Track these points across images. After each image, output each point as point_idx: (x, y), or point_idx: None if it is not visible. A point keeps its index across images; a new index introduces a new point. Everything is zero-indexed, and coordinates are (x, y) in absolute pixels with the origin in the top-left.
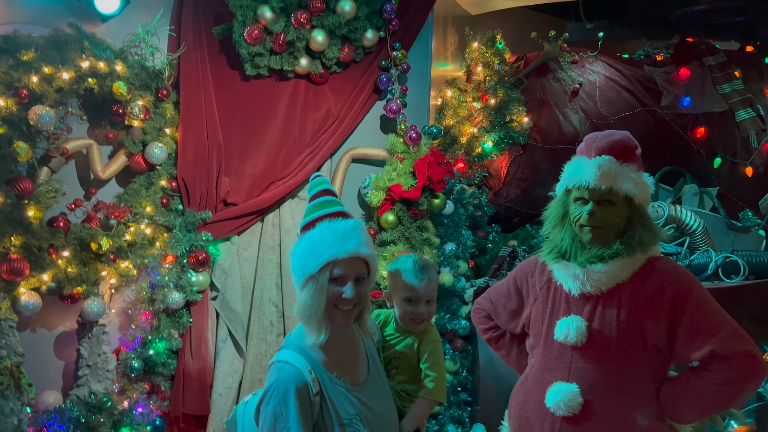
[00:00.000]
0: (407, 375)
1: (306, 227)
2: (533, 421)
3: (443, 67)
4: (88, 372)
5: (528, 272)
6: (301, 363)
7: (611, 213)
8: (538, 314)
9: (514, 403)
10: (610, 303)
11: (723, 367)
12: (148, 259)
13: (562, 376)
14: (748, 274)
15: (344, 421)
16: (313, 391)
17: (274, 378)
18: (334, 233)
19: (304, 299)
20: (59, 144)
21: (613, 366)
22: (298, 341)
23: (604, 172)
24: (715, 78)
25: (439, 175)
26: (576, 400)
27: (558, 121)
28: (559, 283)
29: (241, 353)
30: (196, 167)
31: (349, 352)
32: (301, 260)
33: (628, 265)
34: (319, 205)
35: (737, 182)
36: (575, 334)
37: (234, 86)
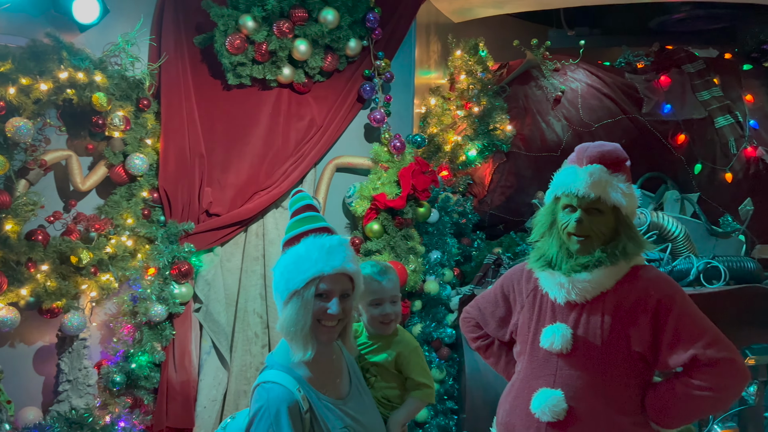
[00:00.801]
0: (387, 382)
1: (289, 242)
2: (519, 428)
3: (427, 75)
4: (68, 387)
5: (515, 279)
6: (289, 382)
7: (598, 222)
8: (524, 321)
9: (502, 410)
10: (595, 311)
11: (705, 374)
12: (130, 271)
13: (548, 383)
14: (729, 280)
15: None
16: (303, 409)
17: (263, 400)
18: (320, 249)
19: (289, 315)
20: (37, 156)
21: (597, 373)
22: (282, 360)
23: (595, 180)
24: (694, 85)
25: (423, 183)
26: (560, 406)
27: (541, 129)
28: (545, 291)
29: (225, 365)
30: (177, 178)
31: (332, 367)
32: (285, 275)
33: (612, 274)
34: (303, 220)
35: (717, 188)
36: (561, 342)
37: (216, 96)
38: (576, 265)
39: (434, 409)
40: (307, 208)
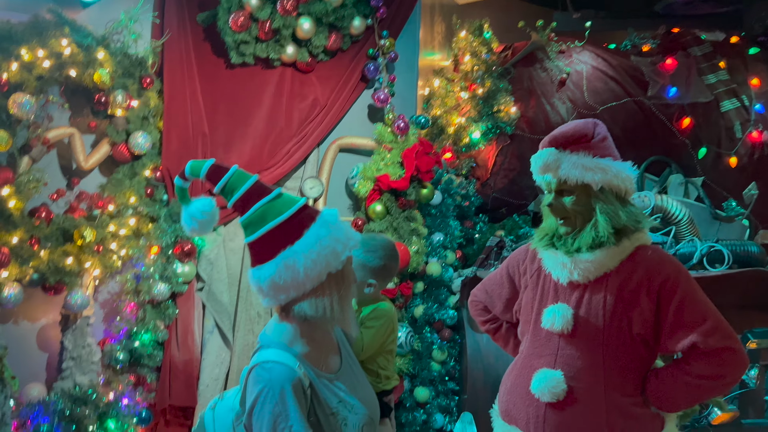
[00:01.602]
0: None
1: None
2: (519, 406)
3: (430, 56)
4: (72, 364)
5: (519, 260)
6: (289, 360)
7: (571, 202)
8: (528, 301)
9: (503, 389)
10: (597, 291)
11: (704, 362)
12: (133, 249)
13: (548, 363)
14: (732, 263)
15: (333, 410)
16: (305, 386)
17: (265, 381)
18: (339, 225)
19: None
20: (40, 133)
21: (598, 354)
22: (279, 338)
23: (546, 163)
24: (700, 68)
25: (427, 165)
26: (560, 387)
27: (545, 111)
28: (548, 271)
29: (227, 344)
30: (180, 157)
31: (325, 342)
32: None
33: (615, 254)
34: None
35: (722, 172)
36: (561, 322)
37: (219, 74)
38: (580, 245)
39: (435, 389)
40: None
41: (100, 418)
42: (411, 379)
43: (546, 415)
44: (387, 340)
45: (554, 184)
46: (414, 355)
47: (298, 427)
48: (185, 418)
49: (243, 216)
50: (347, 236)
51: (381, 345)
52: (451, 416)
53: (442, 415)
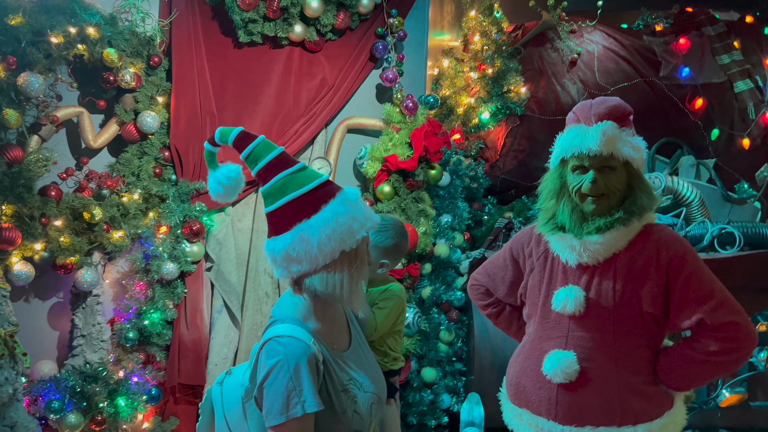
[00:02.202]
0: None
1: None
2: (530, 389)
3: (440, 36)
4: (83, 342)
5: (524, 242)
6: (304, 335)
7: (612, 179)
8: (534, 284)
9: (512, 371)
10: (607, 272)
11: (712, 338)
12: (142, 229)
13: (559, 345)
14: (744, 245)
15: (343, 388)
16: (320, 361)
17: (280, 354)
18: (359, 204)
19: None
20: (49, 112)
21: (609, 334)
22: (293, 313)
23: (609, 137)
24: (714, 48)
25: (435, 145)
26: (573, 368)
27: (556, 92)
28: (556, 254)
29: (236, 324)
30: (189, 136)
31: (336, 319)
32: (336, 236)
33: (624, 234)
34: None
35: (734, 154)
36: (573, 305)
37: (227, 54)
38: (592, 229)
39: (443, 370)
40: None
41: (110, 395)
42: (418, 360)
43: (558, 396)
44: (397, 320)
45: (598, 161)
46: (421, 335)
47: (311, 402)
48: (194, 397)
49: (264, 186)
50: (365, 216)
51: (391, 325)
52: (458, 397)
53: (449, 396)
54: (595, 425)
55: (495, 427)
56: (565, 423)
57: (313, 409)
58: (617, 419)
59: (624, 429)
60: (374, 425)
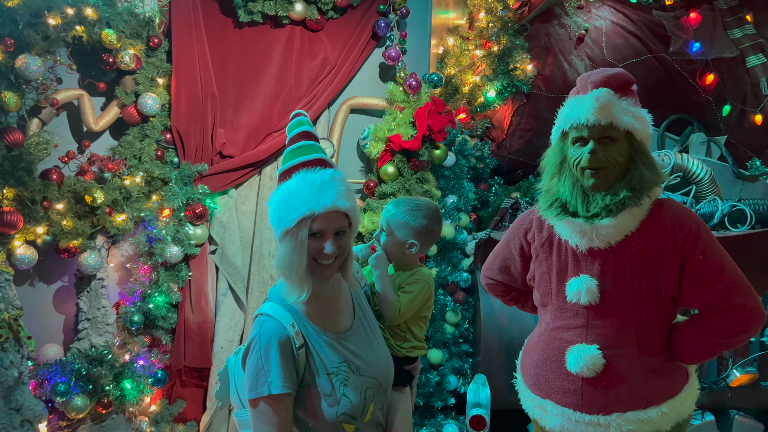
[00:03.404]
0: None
1: (283, 176)
2: (553, 381)
3: (444, 14)
4: (88, 326)
5: (525, 229)
6: (283, 316)
7: (612, 150)
8: (543, 272)
9: (529, 360)
10: (621, 256)
11: (720, 320)
12: (145, 212)
13: (580, 336)
14: (755, 223)
15: (331, 370)
16: (296, 344)
17: (256, 331)
18: (310, 185)
19: (283, 255)
20: (49, 94)
21: (629, 319)
22: (282, 293)
23: (603, 104)
24: (725, 22)
25: (440, 124)
26: (599, 362)
27: (563, 69)
28: (564, 239)
29: (241, 307)
30: (190, 118)
31: (332, 301)
32: (277, 213)
33: (635, 214)
34: (297, 150)
35: (746, 131)
36: (587, 296)
37: (227, 34)
38: (599, 209)
39: (449, 352)
40: (302, 136)
41: (116, 378)
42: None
43: (584, 388)
44: (424, 306)
45: (596, 131)
46: None
47: (276, 383)
48: (200, 379)
49: None
50: (309, 198)
51: (417, 311)
52: (465, 378)
53: (455, 377)
54: (622, 411)
55: (501, 408)
56: (592, 413)
57: (278, 391)
58: (644, 402)
59: (650, 410)
60: (371, 410)
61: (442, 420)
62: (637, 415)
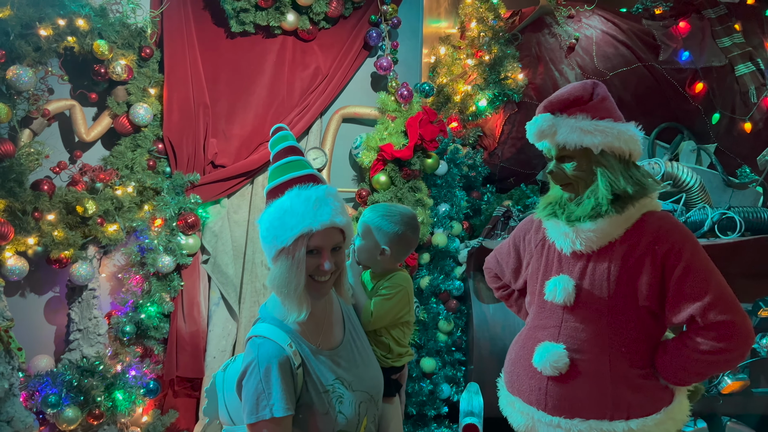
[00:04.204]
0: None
1: (273, 192)
2: (522, 378)
3: (436, 23)
4: (79, 336)
5: (525, 229)
6: (280, 337)
7: (572, 168)
8: (533, 272)
9: (508, 359)
10: (602, 261)
11: (702, 336)
12: (137, 222)
13: (552, 335)
14: (745, 231)
15: (326, 388)
16: (295, 365)
17: (254, 354)
18: (305, 202)
19: (280, 274)
20: (40, 105)
21: (603, 325)
22: (275, 312)
23: (537, 131)
24: (714, 31)
25: (431, 133)
26: (562, 361)
27: (554, 78)
28: (551, 241)
29: (234, 316)
30: (182, 128)
31: (325, 316)
32: (271, 231)
33: (620, 222)
34: (285, 166)
35: (736, 138)
36: (563, 295)
37: (219, 44)
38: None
39: (442, 360)
40: (289, 151)
41: (107, 389)
42: (417, 350)
43: (548, 387)
44: (402, 311)
45: (554, 151)
46: (420, 326)
47: (278, 406)
48: (193, 390)
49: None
50: (306, 215)
51: (394, 316)
52: (458, 387)
53: (448, 386)
54: (585, 418)
55: (495, 416)
56: (555, 414)
57: (280, 414)
58: (609, 413)
59: (616, 423)
60: (365, 424)
61: (435, 429)
62: (601, 425)
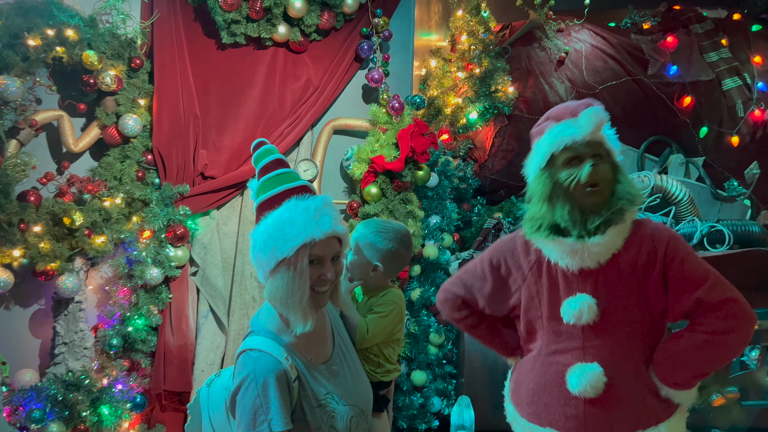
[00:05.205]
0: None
1: (266, 205)
2: (553, 407)
3: (427, 36)
4: (65, 350)
5: (507, 251)
6: (276, 350)
7: (604, 169)
8: (531, 296)
9: (524, 389)
10: (611, 274)
11: (711, 317)
12: (125, 234)
13: (578, 357)
14: (734, 243)
15: (320, 402)
16: (291, 378)
17: (249, 369)
18: (305, 212)
19: (283, 285)
20: (27, 115)
21: (624, 337)
22: (268, 325)
23: (601, 119)
24: (702, 46)
25: (422, 146)
26: (601, 381)
27: (544, 91)
28: (553, 262)
29: (223, 329)
30: (172, 139)
31: (317, 329)
32: (270, 243)
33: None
34: (276, 179)
35: (723, 152)
36: (588, 315)
37: (210, 55)
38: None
39: (433, 373)
40: (278, 164)
41: (93, 403)
42: (408, 363)
43: (587, 411)
44: (395, 329)
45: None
46: (411, 338)
47: (277, 420)
48: (180, 403)
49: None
50: (307, 225)
51: (388, 334)
52: (449, 400)
53: (439, 399)
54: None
55: (485, 430)
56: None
57: (279, 429)
58: (643, 422)
59: (648, 431)
60: None
61: None
62: None
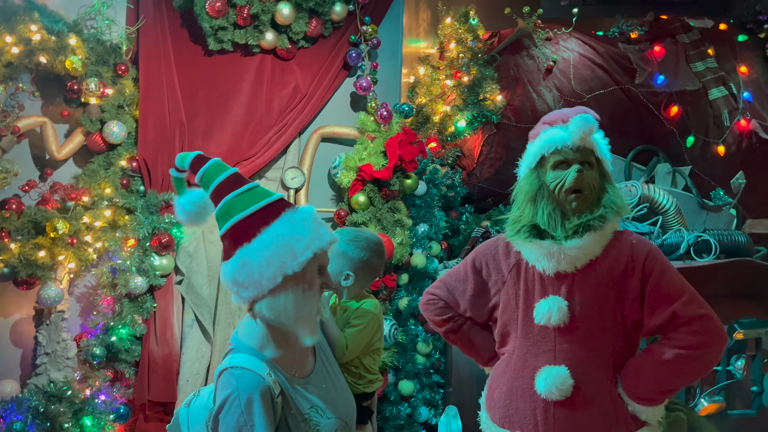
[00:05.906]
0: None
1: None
2: (523, 409)
3: (415, 44)
4: (47, 360)
5: (489, 254)
6: (259, 366)
7: (590, 176)
8: (509, 299)
9: (497, 393)
10: (587, 279)
11: (683, 332)
12: (109, 242)
13: (548, 360)
14: (720, 253)
15: (303, 417)
16: (275, 394)
17: (232, 387)
18: (304, 225)
19: (294, 300)
20: (9, 122)
21: (596, 343)
22: (249, 342)
23: (590, 126)
24: (688, 56)
25: (410, 154)
26: (567, 383)
27: (532, 100)
28: (531, 264)
29: (208, 339)
30: (157, 146)
31: (300, 344)
32: (275, 260)
33: (600, 239)
34: (250, 194)
35: (709, 161)
36: (558, 316)
37: (197, 62)
38: (573, 226)
39: (420, 382)
40: (239, 177)
41: (75, 414)
42: (395, 373)
43: (555, 414)
44: (373, 339)
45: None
46: (398, 348)
47: None
48: (165, 414)
49: (215, 209)
50: (313, 236)
51: (367, 345)
52: (436, 409)
53: (426, 409)
54: None
55: None
56: None
57: None
58: (612, 429)
59: None
60: None
61: None
62: None
